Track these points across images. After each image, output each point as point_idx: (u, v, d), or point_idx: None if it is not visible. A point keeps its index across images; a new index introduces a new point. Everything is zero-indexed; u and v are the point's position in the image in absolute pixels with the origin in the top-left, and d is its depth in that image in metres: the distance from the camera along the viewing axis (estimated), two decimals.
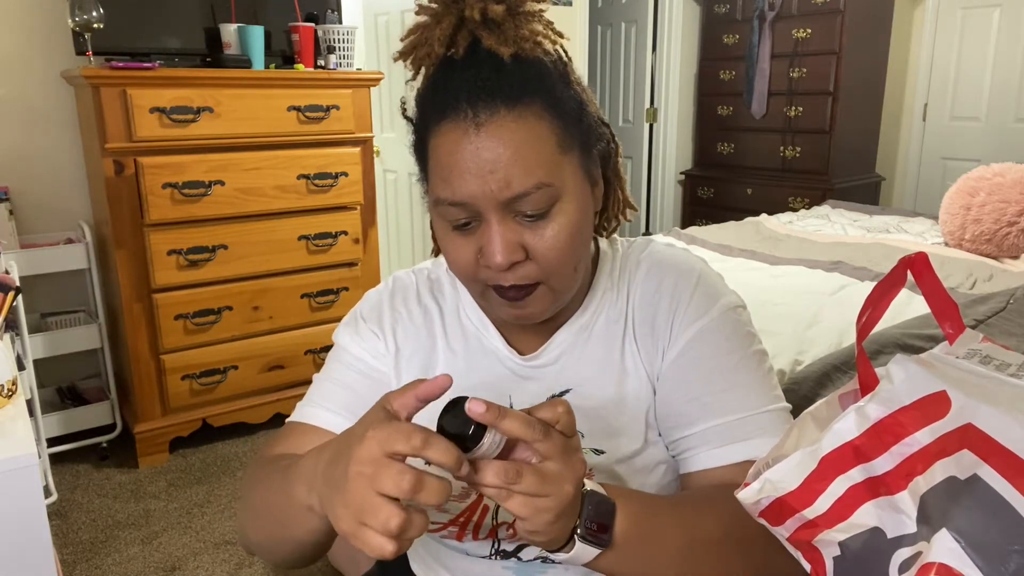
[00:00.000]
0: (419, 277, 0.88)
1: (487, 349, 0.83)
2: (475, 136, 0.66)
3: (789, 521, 0.54)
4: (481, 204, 0.67)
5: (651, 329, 0.79)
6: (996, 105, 3.87)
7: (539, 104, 0.68)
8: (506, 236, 0.68)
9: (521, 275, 0.70)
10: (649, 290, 0.80)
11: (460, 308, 0.85)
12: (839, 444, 0.51)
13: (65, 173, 2.59)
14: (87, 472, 2.42)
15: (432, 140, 0.69)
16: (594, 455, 0.78)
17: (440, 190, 0.69)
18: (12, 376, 1.31)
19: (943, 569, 0.44)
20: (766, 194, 4.22)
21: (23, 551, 1.16)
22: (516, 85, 0.67)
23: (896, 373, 0.50)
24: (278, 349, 2.60)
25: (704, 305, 0.78)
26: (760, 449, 0.74)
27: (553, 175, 0.68)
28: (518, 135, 0.66)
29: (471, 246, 0.70)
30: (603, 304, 0.81)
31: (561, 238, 0.70)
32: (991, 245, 2.52)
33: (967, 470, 0.46)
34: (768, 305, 1.95)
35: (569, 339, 0.81)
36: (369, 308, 0.87)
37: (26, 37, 2.45)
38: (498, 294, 0.72)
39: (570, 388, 0.80)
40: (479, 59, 0.68)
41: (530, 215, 0.68)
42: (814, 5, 3.87)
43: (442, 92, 0.68)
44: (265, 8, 2.59)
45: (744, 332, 0.79)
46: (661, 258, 0.83)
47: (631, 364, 0.79)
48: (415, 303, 0.86)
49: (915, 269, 0.53)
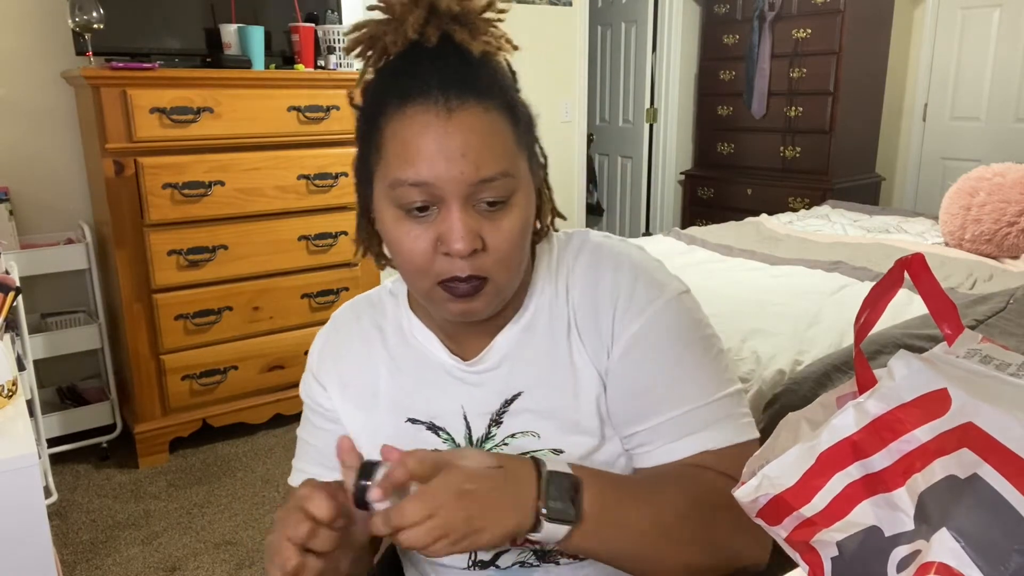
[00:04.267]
0: (360, 304, 0.90)
1: (432, 362, 0.83)
2: (446, 120, 0.67)
3: (787, 520, 0.54)
4: (446, 187, 0.67)
5: (595, 324, 0.78)
6: (996, 105, 3.87)
7: (500, 103, 0.70)
8: (467, 223, 0.68)
9: (476, 266, 0.70)
10: (589, 285, 0.79)
11: (403, 327, 0.85)
12: (837, 440, 0.51)
13: (65, 173, 2.59)
14: (87, 472, 2.42)
15: (391, 123, 0.69)
16: (553, 455, 0.78)
17: (401, 170, 0.68)
18: (12, 376, 1.31)
19: (943, 568, 0.44)
20: (766, 194, 4.22)
21: (23, 551, 1.16)
22: (484, 81, 0.69)
23: (898, 369, 0.50)
24: (278, 349, 2.60)
25: (645, 298, 0.77)
26: (712, 439, 0.75)
27: (513, 167, 0.70)
28: (486, 124, 0.68)
29: (428, 234, 0.69)
30: (543, 302, 0.81)
31: (515, 231, 0.71)
32: (991, 245, 2.52)
33: (967, 469, 0.46)
34: (768, 305, 1.95)
35: (512, 340, 0.80)
36: (316, 355, 0.90)
37: (26, 37, 2.45)
38: (447, 290, 0.71)
39: (521, 391, 0.80)
40: (450, 51, 0.69)
41: (491, 203, 0.69)
42: (814, 5, 3.87)
43: (408, 77, 0.69)
44: (265, 8, 2.59)
45: (688, 320, 0.78)
46: (599, 250, 0.82)
47: (579, 360, 0.78)
48: (355, 334, 0.87)
49: (912, 270, 0.53)
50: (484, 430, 0.80)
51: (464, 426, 0.81)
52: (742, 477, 0.57)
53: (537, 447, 0.78)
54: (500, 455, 0.67)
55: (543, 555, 0.79)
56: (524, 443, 0.79)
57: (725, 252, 2.64)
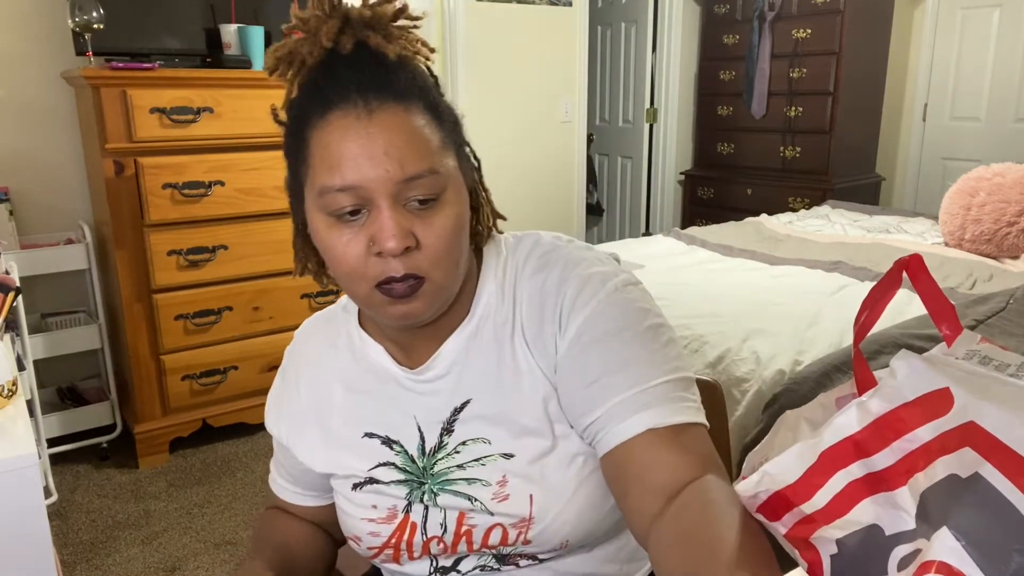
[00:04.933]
0: (317, 322, 0.92)
1: (383, 375, 0.83)
2: (368, 122, 0.67)
3: (787, 516, 0.54)
4: (373, 188, 0.67)
5: (539, 326, 0.78)
6: (996, 105, 3.87)
7: (422, 104, 0.70)
8: (399, 221, 0.68)
9: (411, 264, 0.69)
10: (536, 288, 0.79)
11: (352, 339, 0.86)
12: (840, 439, 0.51)
13: (65, 173, 2.59)
14: (87, 472, 2.42)
15: (315, 132, 0.69)
16: (504, 459, 0.78)
17: (328, 177, 0.68)
18: (12, 376, 1.31)
19: (943, 567, 0.44)
20: (766, 194, 4.22)
21: (23, 551, 1.16)
22: (403, 83, 0.70)
23: (900, 368, 0.50)
24: (278, 349, 2.60)
25: (590, 290, 0.76)
26: (660, 416, 0.72)
27: (439, 164, 0.70)
28: (408, 124, 0.68)
29: (360, 238, 0.69)
30: (489, 308, 0.80)
31: (448, 227, 0.71)
32: (991, 245, 2.52)
33: (969, 468, 0.46)
34: (768, 305, 1.95)
35: (459, 348, 0.80)
36: (279, 380, 0.92)
37: (26, 37, 2.45)
38: (385, 292, 0.71)
39: (470, 398, 0.79)
40: (365, 57, 0.70)
41: (421, 201, 0.69)
42: (814, 5, 3.87)
43: (328, 86, 0.69)
44: (265, 8, 2.59)
45: (634, 309, 0.77)
46: (546, 252, 0.81)
47: (524, 364, 0.78)
48: (311, 351, 0.90)
49: (911, 271, 0.53)
50: (436, 439, 0.80)
51: (418, 436, 0.81)
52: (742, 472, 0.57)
53: (488, 452, 0.78)
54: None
55: (503, 559, 0.80)
56: (475, 450, 0.79)
57: (725, 252, 2.64)
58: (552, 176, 4.04)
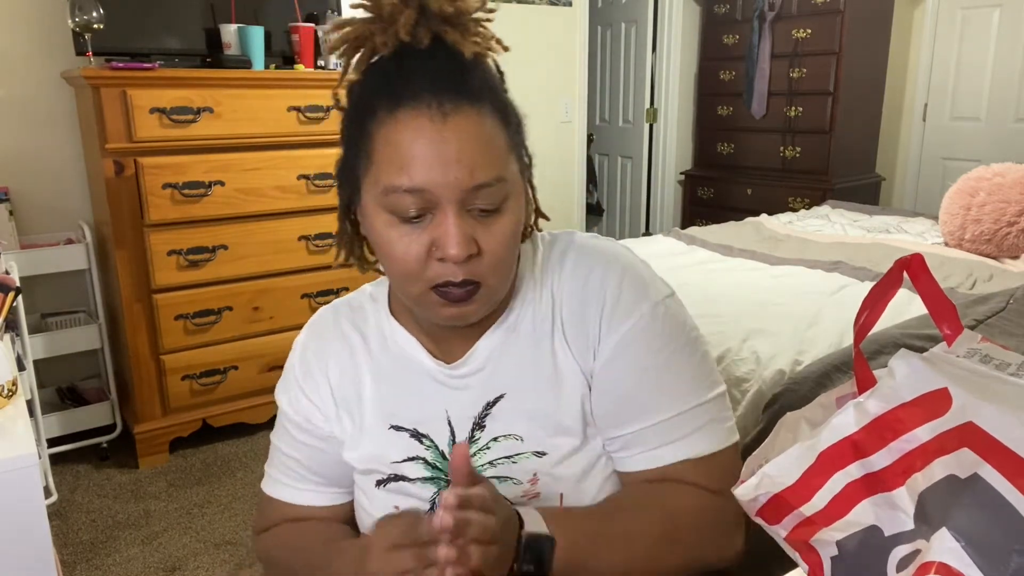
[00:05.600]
0: (338, 310, 0.88)
1: (415, 367, 0.82)
2: (441, 126, 0.66)
3: (787, 519, 0.54)
4: (441, 193, 0.66)
5: (581, 326, 0.78)
6: (996, 105, 3.87)
7: (492, 106, 0.69)
8: (463, 228, 0.67)
9: (470, 270, 0.69)
10: (576, 286, 0.79)
11: (382, 329, 0.84)
12: (838, 439, 0.51)
13: (65, 173, 2.59)
14: (87, 472, 2.42)
15: (382, 128, 0.68)
16: (536, 457, 0.78)
17: (395, 177, 0.67)
18: (12, 376, 1.31)
19: (943, 568, 0.44)
20: (766, 194, 4.22)
21: (23, 551, 1.16)
22: (476, 83, 0.68)
23: (899, 368, 0.50)
24: (278, 349, 2.60)
25: (631, 302, 0.77)
26: (692, 448, 0.76)
27: (506, 171, 0.70)
28: (480, 129, 0.67)
29: (421, 240, 0.68)
30: (527, 304, 0.80)
31: (508, 235, 0.71)
32: (991, 245, 2.52)
33: (967, 469, 0.46)
34: (768, 305, 1.95)
35: (495, 342, 0.79)
36: (298, 361, 0.87)
37: (26, 37, 2.45)
38: (440, 295, 0.70)
39: (504, 393, 0.79)
40: (441, 54, 0.68)
41: (484, 210, 0.69)
42: (814, 5, 3.87)
43: (399, 81, 0.67)
44: (265, 8, 2.59)
45: (674, 324, 0.78)
46: (585, 251, 0.81)
47: (563, 361, 0.78)
48: (336, 336, 0.86)
49: (911, 271, 0.53)
50: (466, 435, 0.80)
51: (448, 431, 0.80)
52: (741, 476, 0.57)
53: (520, 450, 0.78)
54: (501, 501, 0.69)
55: None
56: (507, 446, 0.79)
57: (725, 252, 2.64)
58: (552, 176, 4.03)
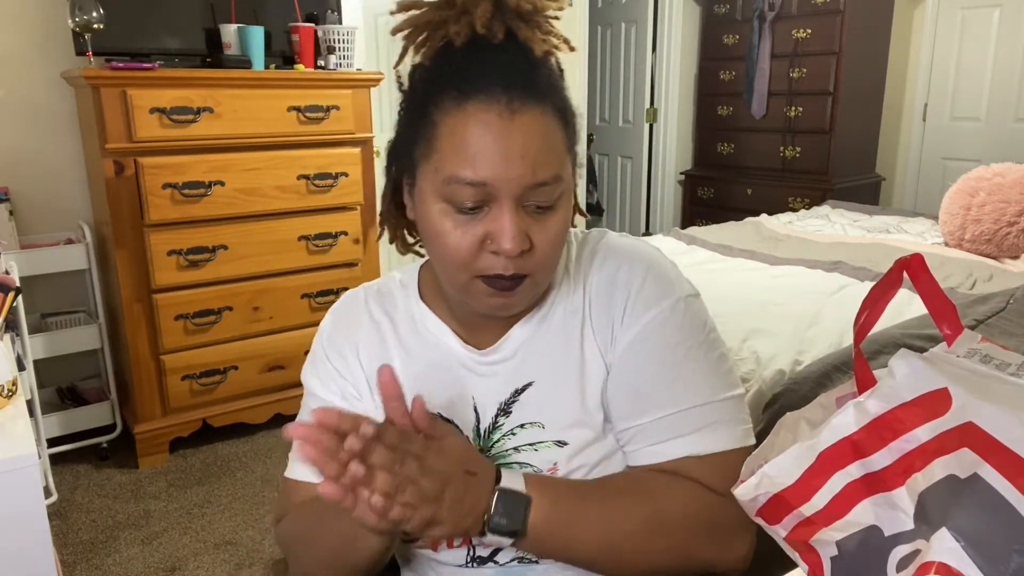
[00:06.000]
0: (367, 292, 0.89)
1: (444, 352, 0.83)
2: (509, 122, 0.67)
3: (786, 519, 0.54)
4: (501, 188, 0.68)
5: (606, 318, 0.80)
6: (996, 105, 3.87)
7: (554, 105, 0.71)
8: (519, 224, 0.69)
9: (520, 265, 0.71)
10: (605, 279, 0.81)
11: (414, 317, 0.85)
12: (837, 439, 0.51)
13: (65, 173, 2.59)
14: (87, 472, 2.42)
15: (447, 117, 0.69)
16: (557, 447, 0.79)
17: (459, 168, 0.68)
18: (12, 376, 1.31)
19: (943, 568, 0.44)
20: (766, 194, 4.22)
21: (23, 551, 1.16)
22: (543, 82, 0.70)
23: (899, 368, 0.50)
24: (278, 349, 2.60)
25: (653, 297, 0.78)
26: (696, 445, 0.76)
27: (564, 171, 0.72)
28: (544, 128, 0.69)
29: (475, 231, 0.70)
30: (560, 297, 0.82)
31: (559, 232, 0.73)
32: (991, 245, 2.52)
33: (967, 469, 0.46)
34: (768, 305, 1.95)
35: (527, 332, 0.81)
36: (327, 341, 0.87)
37: (26, 37, 2.45)
38: (488, 283, 0.72)
39: (532, 381, 0.81)
40: (513, 48, 0.70)
41: (540, 207, 0.71)
42: (814, 5, 3.87)
43: (470, 73, 0.68)
44: (265, 8, 2.59)
45: (693, 322, 0.79)
46: (616, 248, 0.83)
47: (589, 353, 0.80)
48: (365, 319, 0.87)
49: (911, 271, 0.53)
50: (492, 420, 0.81)
51: (474, 416, 0.82)
52: (741, 476, 0.57)
53: (542, 438, 0.80)
54: (476, 457, 0.71)
55: None
56: (531, 434, 0.80)
57: (725, 252, 2.64)
58: None
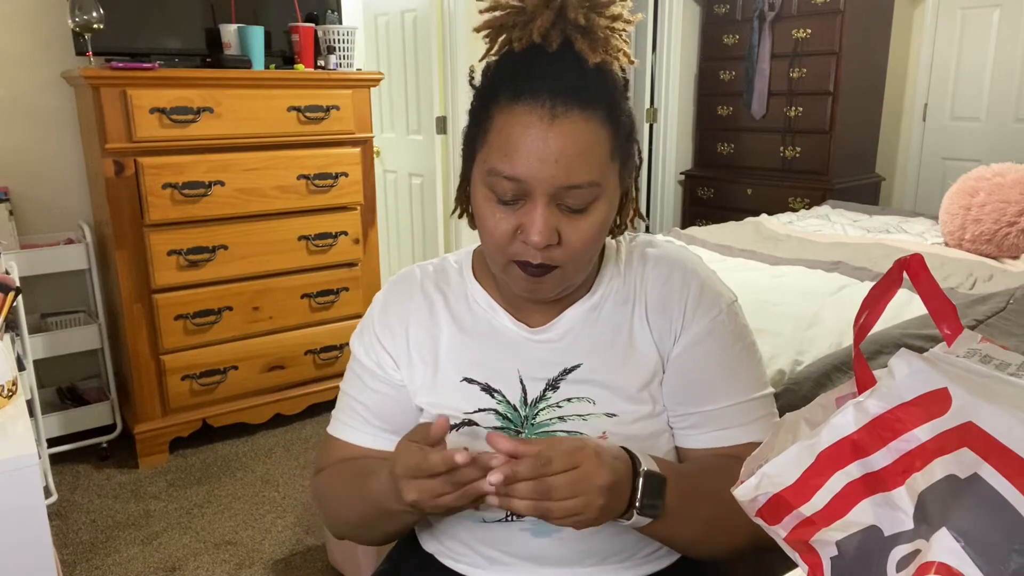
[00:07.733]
0: (423, 271, 0.96)
1: (495, 327, 0.90)
2: (549, 125, 0.73)
3: (786, 519, 0.54)
4: (535, 185, 0.74)
5: (664, 313, 0.88)
6: (996, 105, 3.87)
7: (604, 113, 0.76)
8: (548, 220, 0.75)
9: (548, 256, 0.77)
10: (659, 279, 0.89)
11: (467, 294, 0.92)
12: (837, 439, 0.51)
13: (65, 173, 2.59)
14: (87, 472, 2.42)
15: (500, 114, 0.76)
16: (607, 418, 0.85)
17: (499, 162, 0.75)
18: (12, 376, 1.31)
19: (943, 568, 0.44)
20: (766, 194, 4.22)
21: (23, 551, 1.16)
22: (592, 90, 0.75)
23: (899, 368, 0.50)
24: (278, 349, 2.60)
25: (713, 302, 0.88)
26: (757, 433, 0.86)
27: (602, 177, 0.77)
28: (585, 135, 0.74)
29: (511, 220, 0.77)
30: (610, 289, 0.90)
31: (591, 233, 0.78)
32: (991, 245, 2.52)
33: (967, 469, 0.46)
34: (768, 305, 1.95)
35: (578, 318, 0.88)
36: (378, 314, 0.94)
37: (26, 37, 2.45)
38: (520, 267, 0.79)
39: (581, 363, 0.87)
40: (567, 57, 0.75)
41: (572, 208, 0.76)
42: (814, 5, 3.87)
43: (523, 76, 0.75)
44: (265, 8, 2.59)
45: (742, 325, 0.91)
46: (664, 253, 0.92)
47: (640, 339, 0.87)
48: (419, 294, 0.93)
49: (911, 270, 0.53)
50: (539, 393, 0.87)
51: (520, 389, 0.87)
52: (740, 476, 0.57)
53: (591, 411, 0.85)
54: (604, 447, 0.75)
55: None
56: (579, 407, 0.86)
57: (725, 252, 2.64)
58: None
